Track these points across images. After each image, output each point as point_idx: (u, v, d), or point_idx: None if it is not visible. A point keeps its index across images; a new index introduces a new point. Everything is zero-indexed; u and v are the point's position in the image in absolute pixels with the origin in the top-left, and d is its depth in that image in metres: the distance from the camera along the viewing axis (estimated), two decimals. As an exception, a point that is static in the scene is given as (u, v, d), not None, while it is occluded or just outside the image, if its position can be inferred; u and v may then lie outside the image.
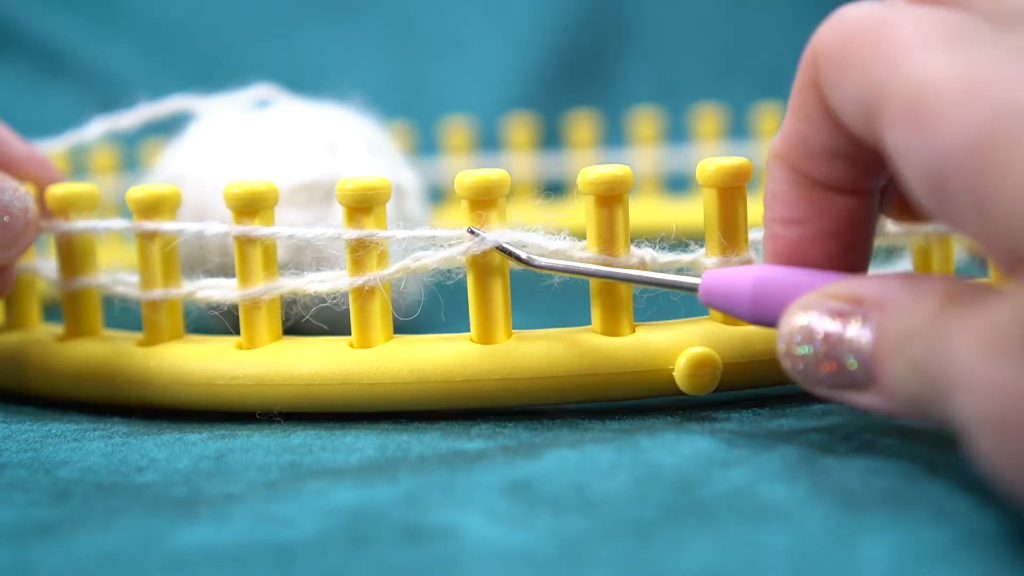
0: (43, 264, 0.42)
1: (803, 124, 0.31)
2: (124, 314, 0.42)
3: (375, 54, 0.92)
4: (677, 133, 0.78)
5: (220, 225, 0.38)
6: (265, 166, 0.46)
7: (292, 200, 0.45)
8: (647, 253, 0.37)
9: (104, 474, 0.34)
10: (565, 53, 0.92)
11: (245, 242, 0.38)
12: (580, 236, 0.37)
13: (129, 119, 0.48)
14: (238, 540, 0.28)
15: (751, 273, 0.33)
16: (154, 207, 0.39)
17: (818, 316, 0.30)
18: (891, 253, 0.42)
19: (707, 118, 0.75)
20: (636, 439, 0.34)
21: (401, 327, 0.39)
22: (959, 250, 0.41)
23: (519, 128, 0.76)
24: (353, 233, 0.37)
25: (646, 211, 0.71)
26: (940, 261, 0.40)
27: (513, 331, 0.37)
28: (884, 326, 0.29)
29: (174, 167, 0.48)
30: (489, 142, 0.79)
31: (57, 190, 0.41)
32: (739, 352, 0.37)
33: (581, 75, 0.92)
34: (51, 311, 0.45)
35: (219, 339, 0.39)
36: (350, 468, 0.33)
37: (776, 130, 0.71)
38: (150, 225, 0.39)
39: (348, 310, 0.38)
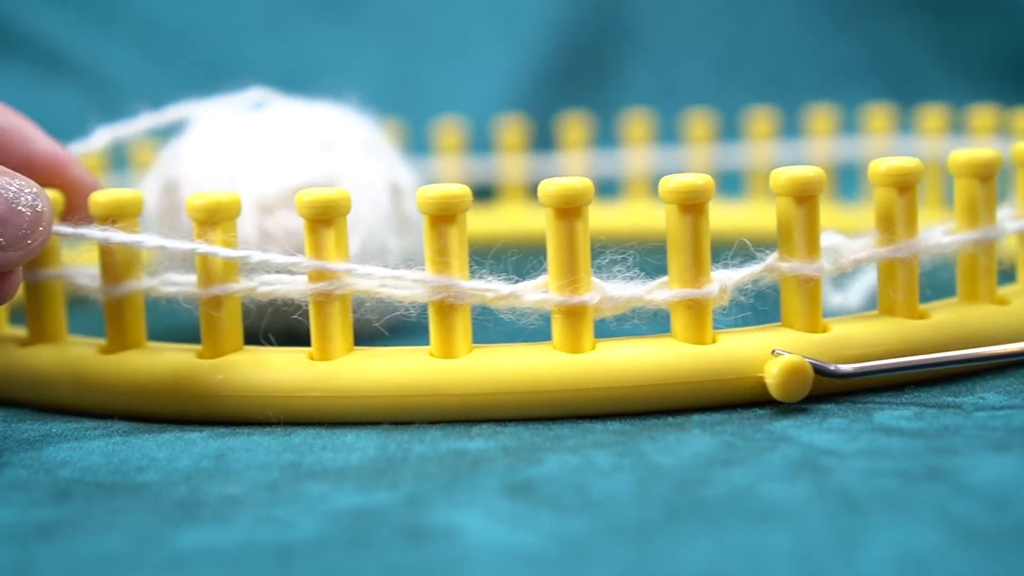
0: (80, 272, 0.39)
1: None
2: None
3: (373, 54, 0.92)
4: (670, 136, 0.78)
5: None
6: (262, 168, 0.46)
7: (290, 201, 0.45)
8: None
9: (104, 474, 0.34)
10: (563, 54, 0.92)
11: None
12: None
13: (131, 128, 0.48)
14: (238, 540, 0.28)
15: None
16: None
17: None
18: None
19: (700, 122, 0.74)
20: (637, 443, 0.34)
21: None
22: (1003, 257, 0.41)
23: (511, 129, 0.76)
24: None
25: (636, 214, 0.71)
26: (985, 268, 0.40)
27: (596, 340, 0.37)
28: None
29: (171, 170, 0.48)
30: (481, 143, 0.78)
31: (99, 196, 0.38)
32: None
33: (580, 76, 0.92)
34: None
35: (284, 351, 0.38)
36: (351, 468, 0.33)
37: (769, 134, 0.72)
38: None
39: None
